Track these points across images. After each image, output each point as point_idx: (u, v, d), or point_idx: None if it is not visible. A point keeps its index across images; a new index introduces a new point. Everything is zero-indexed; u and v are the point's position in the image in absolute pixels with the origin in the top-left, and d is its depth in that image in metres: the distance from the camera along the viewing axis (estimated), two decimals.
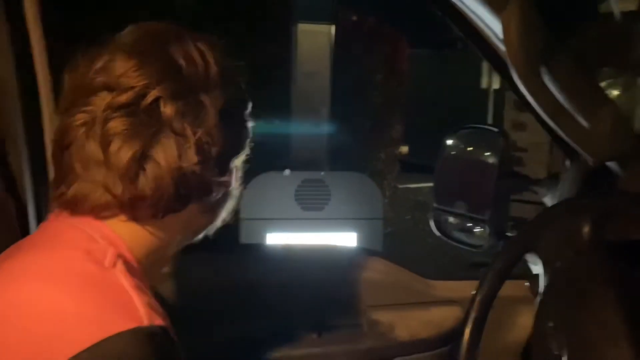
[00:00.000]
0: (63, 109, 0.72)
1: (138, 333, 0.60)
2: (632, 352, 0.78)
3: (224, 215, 0.82)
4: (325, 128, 3.96)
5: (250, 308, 1.30)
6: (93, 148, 0.68)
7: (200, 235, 0.83)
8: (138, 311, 0.62)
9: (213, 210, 0.80)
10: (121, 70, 0.68)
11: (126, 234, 0.71)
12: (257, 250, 1.71)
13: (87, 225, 0.70)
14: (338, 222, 3.38)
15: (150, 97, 0.68)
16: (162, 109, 0.68)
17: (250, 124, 0.81)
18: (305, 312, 1.32)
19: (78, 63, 0.72)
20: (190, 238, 0.82)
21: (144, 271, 0.73)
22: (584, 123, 0.92)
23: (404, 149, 6.10)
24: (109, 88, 0.68)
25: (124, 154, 0.67)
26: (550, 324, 0.87)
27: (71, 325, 0.60)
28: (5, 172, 0.98)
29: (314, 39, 3.70)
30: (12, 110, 0.99)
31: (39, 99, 1.05)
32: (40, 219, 1.02)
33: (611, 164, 1.02)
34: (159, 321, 0.63)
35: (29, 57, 1.03)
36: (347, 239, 3.38)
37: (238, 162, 0.80)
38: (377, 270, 1.40)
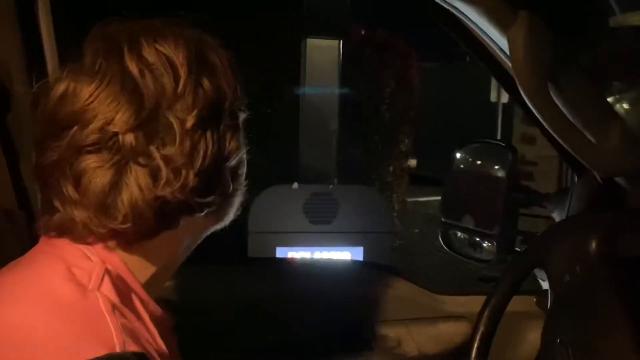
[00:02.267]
0: (35, 141, 0.67)
1: None
2: None
3: (232, 213, 0.77)
4: (333, 141, 3.97)
5: (257, 322, 1.30)
6: (67, 188, 0.65)
7: (211, 231, 0.77)
8: (112, 337, 0.59)
9: (218, 211, 0.73)
10: (82, 99, 0.64)
11: (123, 251, 0.68)
12: (265, 265, 1.71)
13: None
14: (346, 236, 3.37)
15: (109, 132, 0.63)
16: (121, 143, 0.63)
17: (241, 117, 0.72)
18: (313, 327, 1.32)
19: (46, 85, 0.66)
20: (199, 238, 0.77)
21: (146, 284, 0.70)
22: (592, 139, 0.92)
23: (413, 162, 6.09)
24: (74, 121, 0.64)
25: (94, 189, 0.64)
26: (559, 340, 0.86)
27: (40, 350, 0.58)
28: (17, 183, 0.99)
29: (323, 53, 3.73)
30: (25, 121, 1.00)
31: None
32: None
33: (619, 180, 1.02)
34: (133, 347, 0.60)
35: (43, 66, 1.04)
36: (355, 252, 3.38)
37: (235, 162, 0.72)
38: (386, 285, 1.40)
